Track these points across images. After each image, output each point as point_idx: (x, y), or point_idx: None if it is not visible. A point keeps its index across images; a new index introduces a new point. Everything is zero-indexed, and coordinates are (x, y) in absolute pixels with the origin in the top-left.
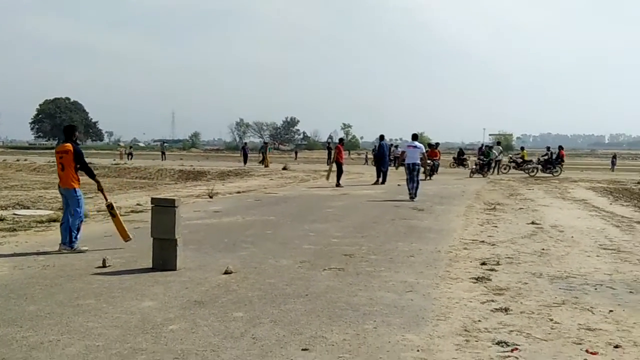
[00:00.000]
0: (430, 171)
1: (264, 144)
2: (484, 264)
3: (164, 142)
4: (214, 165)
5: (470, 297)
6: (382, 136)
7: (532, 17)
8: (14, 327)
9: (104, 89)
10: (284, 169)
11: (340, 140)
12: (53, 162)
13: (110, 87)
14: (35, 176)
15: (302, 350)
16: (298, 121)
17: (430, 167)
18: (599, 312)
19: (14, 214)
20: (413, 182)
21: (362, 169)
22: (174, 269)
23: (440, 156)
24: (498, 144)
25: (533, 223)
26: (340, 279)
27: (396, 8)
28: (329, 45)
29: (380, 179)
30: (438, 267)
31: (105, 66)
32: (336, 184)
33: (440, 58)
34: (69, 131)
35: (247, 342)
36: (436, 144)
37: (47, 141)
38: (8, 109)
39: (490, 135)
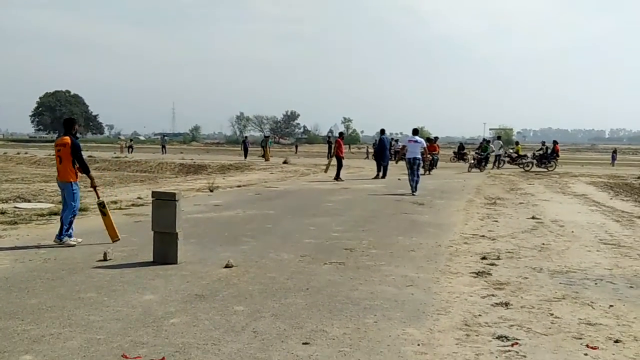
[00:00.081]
0: (429, 166)
1: (264, 138)
2: (484, 258)
3: (164, 136)
4: (214, 159)
5: (471, 291)
6: (383, 130)
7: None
8: (16, 321)
9: (104, 82)
10: (285, 162)
11: (340, 134)
12: (53, 155)
13: (111, 80)
14: (36, 169)
15: (303, 344)
16: (298, 115)
17: (429, 162)
18: (599, 307)
19: (15, 207)
20: (414, 177)
21: (363, 163)
22: (175, 262)
23: (439, 150)
24: (498, 138)
25: (533, 218)
26: (340, 273)
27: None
28: (329, 39)
29: (381, 173)
30: (438, 261)
31: (106, 59)
32: (335, 178)
33: (442, 53)
34: (69, 124)
35: (248, 335)
36: (435, 138)
37: (47, 134)
38: (8, 102)
39: (490, 130)
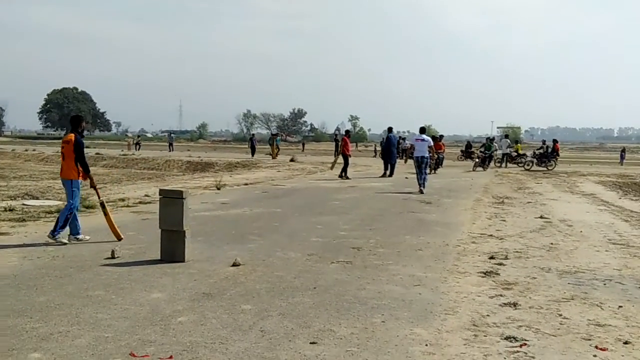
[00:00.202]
0: (435, 164)
1: (272, 135)
2: (492, 258)
3: (171, 133)
4: (221, 156)
5: (479, 291)
6: (390, 128)
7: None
8: (24, 318)
9: (112, 79)
10: (292, 160)
11: (347, 132)
12: (60, 152)
13: (118, 77)
14: (43, 166)
15: (311, 343)
16: (305, 113)
17: (435, 161)
18: (608, 308)
19: (23, 204)
20: (421, 175)
21: (370, 161)
22: (182, 260)
23: (445, 149)
24: (506, 137)
25: (542, 217)
26: (348, 272)
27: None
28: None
29: (388, 172)
30: (446, 260)
31: (114, 56)
32: (339, 175)
33: (450, 51)
34: (75, 121)
35: (256, 334)
36: (440, 136)
37: (55, 131)
38: (16, 99)
39: (498, 128)
